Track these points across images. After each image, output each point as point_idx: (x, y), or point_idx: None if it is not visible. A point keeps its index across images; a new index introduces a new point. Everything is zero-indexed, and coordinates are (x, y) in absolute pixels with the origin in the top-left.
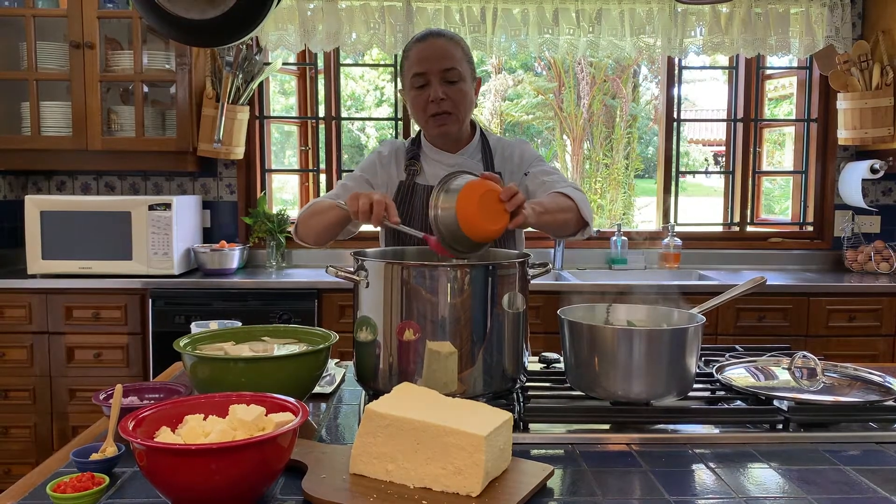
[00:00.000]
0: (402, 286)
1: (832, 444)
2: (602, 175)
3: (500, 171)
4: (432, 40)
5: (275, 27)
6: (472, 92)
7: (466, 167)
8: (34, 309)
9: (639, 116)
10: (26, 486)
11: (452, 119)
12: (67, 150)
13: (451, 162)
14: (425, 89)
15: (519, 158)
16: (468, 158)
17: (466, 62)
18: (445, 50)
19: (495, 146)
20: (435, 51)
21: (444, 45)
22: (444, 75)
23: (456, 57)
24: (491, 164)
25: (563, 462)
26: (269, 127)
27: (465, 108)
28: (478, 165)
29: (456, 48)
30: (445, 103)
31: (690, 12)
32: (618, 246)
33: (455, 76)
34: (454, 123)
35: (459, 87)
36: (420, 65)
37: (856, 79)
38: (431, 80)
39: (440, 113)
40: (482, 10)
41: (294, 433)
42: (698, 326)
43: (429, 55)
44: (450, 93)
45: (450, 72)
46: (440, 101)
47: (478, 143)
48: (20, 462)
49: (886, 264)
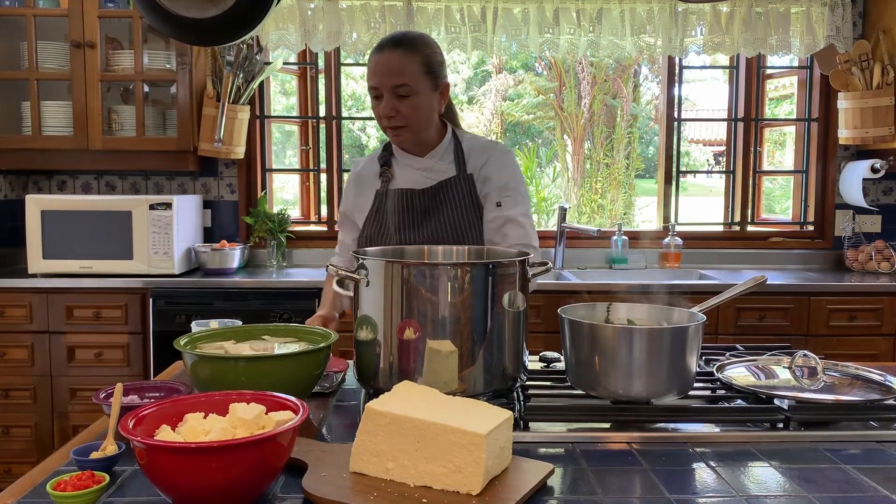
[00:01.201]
0: (403, 285)
1: (833, 443)
2: (603, 175)
3: (471, 172)
4: (388, 53)
5: (275, 27)
6: (430, 102)
7: (437, 170)
8: (35, 308)
9: (639, 116)
10: (27, 484)
11: (406, 131)
12: (68, 149)
13: (420, 165)
14: (379, 101)
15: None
16: (438, 161)
17: (424, 73)
18: (398, 64)
19: (469, 149)
20: (386, 65)
21: (398, 59)
22: (395, 90)
23: (408, 71)
24: (463, 167)
25: (563, 461)
26: (269, 126)
27: (419, 120)
28: (449, 167)
29: (411, 60)
30: (397, 118)
31: (691, 12)
32: (618, 245)
33: (406, 91)
34: (408, 134)
35: (411, 101)
36: (372, 78)
37: (856, 78)
38: (384, 94)
39: (393, 126)
40: (483, 10)
41: (294, 431)
42: (699, 325)
43: (381, 69)
44: (401, 108)
45: (400, 87)
46: (390, 117)
47: (449, 145)
48: (21, 461)
49: (887, 264)
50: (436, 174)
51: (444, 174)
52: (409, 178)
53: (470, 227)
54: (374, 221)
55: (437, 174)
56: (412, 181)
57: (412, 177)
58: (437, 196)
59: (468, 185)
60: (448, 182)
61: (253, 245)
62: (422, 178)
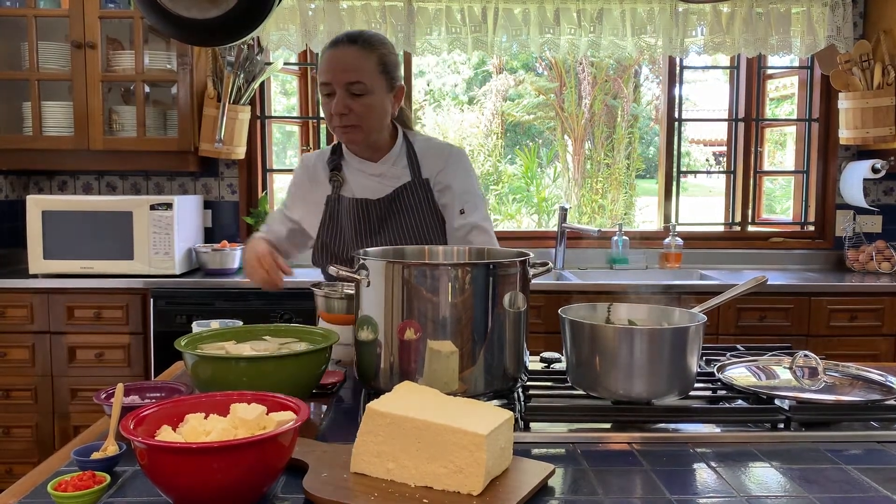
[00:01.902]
0: (403, 285)
1: (834, 444)
2: (603, 175)
3: (427, 177)
4: (343, 48)
5: (276, 27)
6: (384, 103)
7: (390, 176)
8: (36, 309)
9: (640, 116)
10: (27, 484)
11: (358, 131)
12: (69, 149)
13: (373, 171)
14: (331, 98)
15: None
16: (392, 166)
17: (380, 73)
18: (353, 61)
19: (423, 152)
20: (341, 61)
21: (354, 55)
22: (349, 88)
23: (364, 69)
24: (418, 171)
25: (564, 461)
26: (270, 127)
27: (372, 120)
28: (403, 172)
29: (368, 58)
30: (349, 117)
31: (691, 12)
32: (619, 246)
33: (360, 90)
34: (360, 134)
35: (365, 100)
36: (325, 73)
37: (857, 78)
38: (336, 91)
39: (345, 125)
40: (483, 10)
41: (295, 432)
42: (699, 325)
43: (335, 65)
44: (354, 106)
45: (354, 85)
46: (342, 115)
47: (401, 150)
48: (22, 461)
49: (888, 264)
50: (390, 180)
51: (398, 180)
52: (363, 185)
53: (429, 233)
54: (328, 229)
55: (392, 180)
56: (366, 188)
57: (365, 183)
58: (393, 204)
59: (425, 191)
60: (404, 189)
61: None
62: (375, 184)
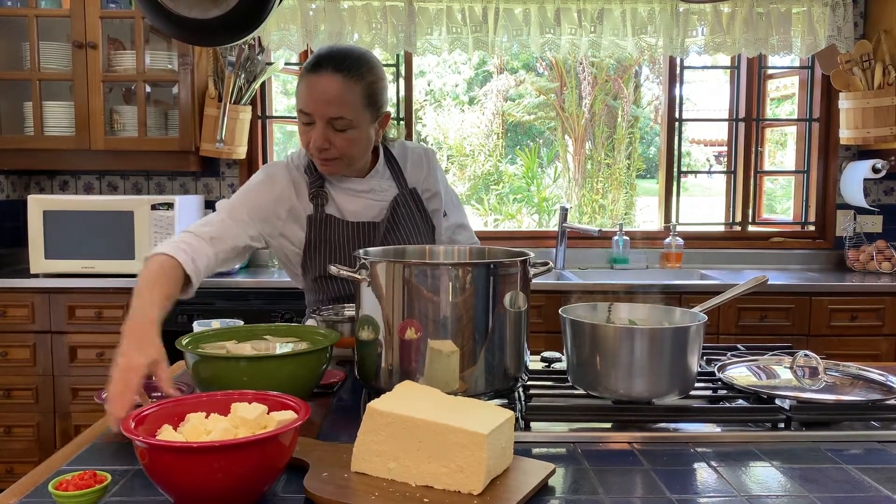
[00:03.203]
0: (404, 285)
1: (834, 443)
2: (604, 175)
3: (413, 186)
4: (327, 77)
5: (277, 27)
6: (369, 134)
7: (379, 190)
8: (37, 308)
9: (640, 116)
10: (28, 484)
11: (338, 163)
12: (70, 149)
13: (362, 188)
14: (310, 128)
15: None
16: (379, 180)
17: (365, 106)
18: (338, 94)
19: (402, 159)
20: (325, 92)
21: (339, 87)
22: (332, 122)
23: (349, 103)
24: (404, 182)
25: (564, 460)
26: (271, 127)
27: (355, 152)
28: (390, 185)
29: (353, 90)
30: (329, 151)
31: (692, 12)
32: (619, 246)
33: (343, 125)
34: (339, 166)
35: (348, 134)
36: (306, 103)
37: (858, 78)
38: (316, 123)
39: (324, 158)
40: (484, 10)
41: (296, 431)
42: (700, 325)
43: (317, 97)
44: (336, 140)
45: (337, 120)
46: (323, 149)
47: (384, 164)
48: (23, 461)
49: (888, 264)
50: (379, 195)
51: (387, 193)
52: (353, 206)
53: (424, 241)
54: (317, 253)
55: (381, 194)
56: (358, 208)
57: (357, 202)
58: (391, 220)
59: (415, 201)
60: (396, 203)
61: None
62: (368, 202)
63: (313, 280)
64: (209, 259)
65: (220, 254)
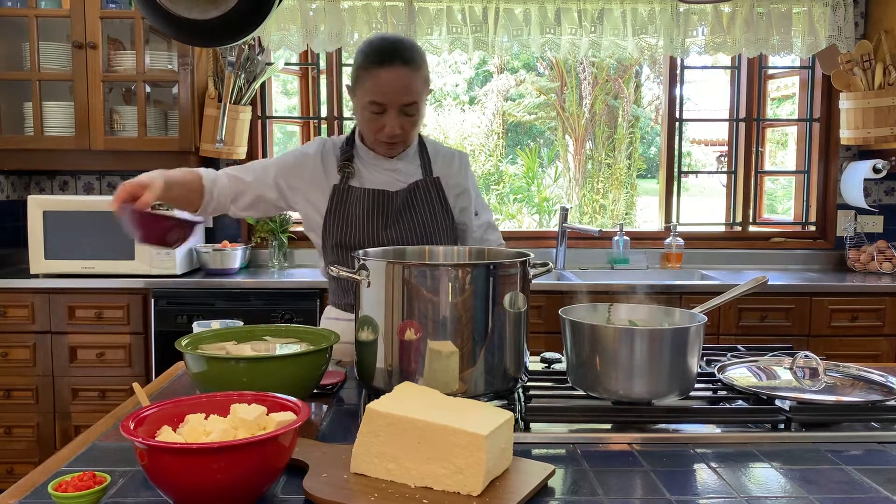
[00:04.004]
0: (404, 285)
1: (834, 444)
2: (604, 175)
3: (438, 176)
4: (397, 69)
5: (277, 27)
6: (424, 111)
7: (405, 172)
8: (37, 309)
9: (641, 116)
10: (28, 484)
11: (402, 145)
12: (70, 150)
13: (389, 167)
14: (381, 117)
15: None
16: (407, 164)
17: (424, 85)
18: (408, 82)
19: (433, 153)
20: (398, 83)
21: (408, 76)
22: (404, 109)
23: (416, 88)
24: (430, 170)
25: (564, 461)
26: (271, 127)
27: (416, 131)
28: (416, 170)
29: (417, 75)
30: (399, 135)
31: (692, 12)
32: (620, 246)
33: (413, 110)
34: (403, 147)
35: (414, 118)
36: (381, 94)
37: (858, 78)
38: (389, 111)
39: (394, 142)
40: (484, 10)
41: (295, 432)
42: (700, 326)
43: (392, 88)
44: (406, 124)
45: (409, 106)
46: (395, 134)
47: (416, 149)
48: (23, 461)
49: (889, 264)
50: (404, 176)
51: (411, 176)
52: (377, 179)
53: (439, 230)
54: (335, 218)
55: (405, 176)
56: (380, 182)
57: (380, 177)
58: (409, 199)
59: (437, 189)
60: (418, 185)
61: (254, 245)
62: (391, 179)
63: (332, 248)
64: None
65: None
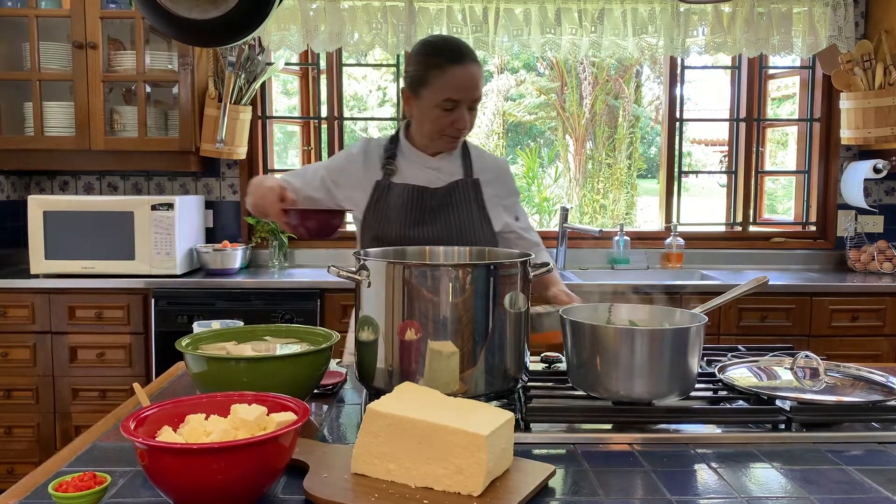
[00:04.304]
0: (404, 286)
1: (835, 445)
2: (605, 175)
3: (478, 177)
4: (471, 68)
5: (277, 27)
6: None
7: (446, 171)
8: (37, 309)
9: (641, 116)
10: (28, 485)
11: (461, 140)
12: (70, 150)
13: (431, 165)
14: (452, 113)
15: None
16: (449, 162)
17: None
18: (479, 79)
19: (475, 155)
20: (472, 80)
21: (478, 73)
22: (473, 104)
23: (482, 84)
24: (470, 171)
25: (564, 462)
26: (271, 127)
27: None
28: (457, 170)
29: (482, 73)
30: (466, 130)
31: (693, 12)
32: (620, 246)
33: (477, 104)
34: (460, 141)
35: (476, 112)
36: (456, 91)
37: (859, 78)
38: (460, 106)
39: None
40: (484, 10)
41: (295, 433)
42: (700, 326)
43: (467, 84)
44: (471, 119)
45: (476, 101)
46: (463, 129)
47: (459, 149)
48: (23, 461)
49: (889, 264)
50: (444, 175)
51: (452, 175)
52: (418, 176)
53: (474, 230)
54: (374, 212)
55: (446, 175)
56: (421, 179)
57: (421, 174)
58: (447, 197)
59: (476, 190)
60: (457, 184)
61: (255, 245)
62: (431, 176)
63: (369, 242)
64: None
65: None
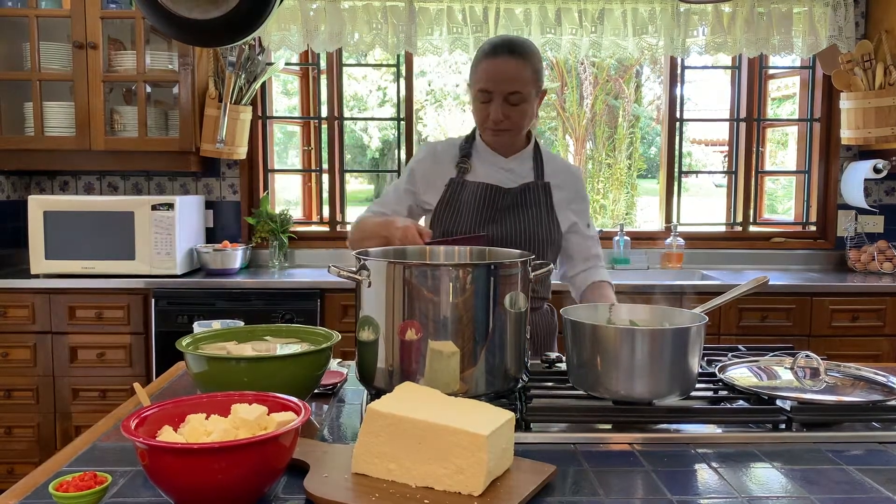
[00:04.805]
0: (404, 286)
1: (835, 444)
2: (605, 175)
3: (548, 181)
4: (504, 59)
5: (277, 27)
6: (533, 108)
7: (518, 172)
8: (37, 309)
9: (641, 116)
10: (29, 485)
11: (507, 133)
12: (71, 150)
13: (503, 165)
14: (488, 105)
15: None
16: (521, 164)
17: (533, 80)
18: (514, 72)
19: (547, 159)
20: (503, 72)
21: (514, 66)
22: (508, 97)
23: (522, 79)
24: (541, 174)
25: (565, 462)
26: (271, 127)
27: (523, 124)
28: (529, 172)
29: (525, 67)
30: (504, 123)
31: (693, 12)
32: (620, 246)
33: (517, 99)
34: (508, 136)
35: (521, 108)
36: (486, 83)
37: (859, 78)
38: (494, 99)
39: (499, 129)
40: (484, 10)
41: (296, 432)
42: (701, 326)
43: (496, 76)
44: (511, 113)
45: (513, 95)
46: (500, 121)
47: (531, 152)
48: (23, 461)
49: (889, 264)
50: (517, 176)
51: (523, 178)
52: (491, 175)
53: (542, 232)
54: (446, 210)
55: (518, 177)
56: (494, 179)
57: (495, 174)
58: (519, 197)
59: (546, 194)
60: (529, 186)
61: (255, 245)
62: (504, 177)
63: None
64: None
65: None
